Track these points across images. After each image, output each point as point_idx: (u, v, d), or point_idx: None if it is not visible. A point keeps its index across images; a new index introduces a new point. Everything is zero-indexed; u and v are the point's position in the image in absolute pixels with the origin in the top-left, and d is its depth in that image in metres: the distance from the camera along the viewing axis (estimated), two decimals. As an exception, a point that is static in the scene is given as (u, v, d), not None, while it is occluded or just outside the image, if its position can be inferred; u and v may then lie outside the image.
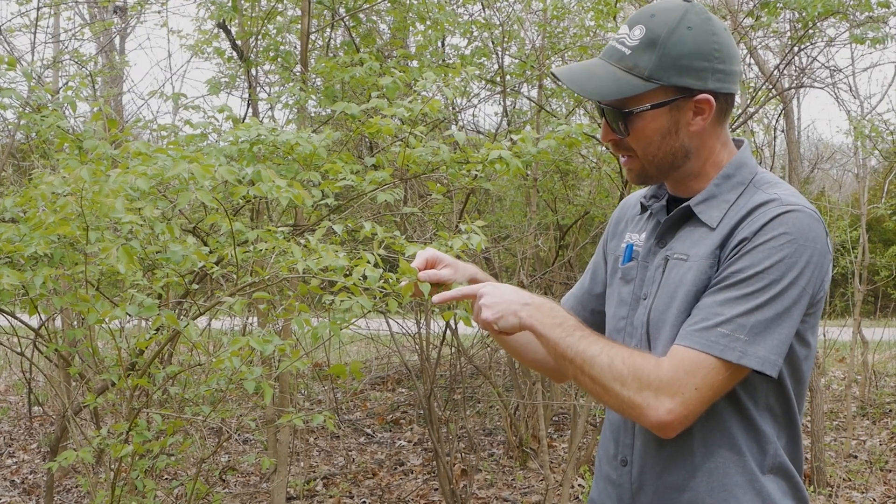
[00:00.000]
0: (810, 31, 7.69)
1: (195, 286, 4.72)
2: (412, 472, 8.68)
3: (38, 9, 8.29)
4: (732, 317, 2.05)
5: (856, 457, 8.96)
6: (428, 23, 7.64)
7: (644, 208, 2.43)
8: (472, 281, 2.55)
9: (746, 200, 2.17)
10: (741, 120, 8.39)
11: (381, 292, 2.94)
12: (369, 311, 3.20)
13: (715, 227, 2.18)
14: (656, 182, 2.34)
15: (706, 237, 2.18)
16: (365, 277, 2.96)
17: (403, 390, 12.07)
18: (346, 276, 3.16)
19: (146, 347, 4.40)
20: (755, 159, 2.31)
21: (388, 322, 8.62)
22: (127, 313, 3.45)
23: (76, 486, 7.93)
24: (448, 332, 7.69)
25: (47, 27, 10.13)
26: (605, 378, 2.12)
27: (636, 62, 2.18)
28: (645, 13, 2.22)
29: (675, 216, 2.27)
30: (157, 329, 4.09)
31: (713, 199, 2.22)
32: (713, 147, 2.26)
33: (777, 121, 10.54)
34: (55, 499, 7.47)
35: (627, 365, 2.10)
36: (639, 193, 2.52)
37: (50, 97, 5.70)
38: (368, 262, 3.02)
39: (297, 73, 6.97)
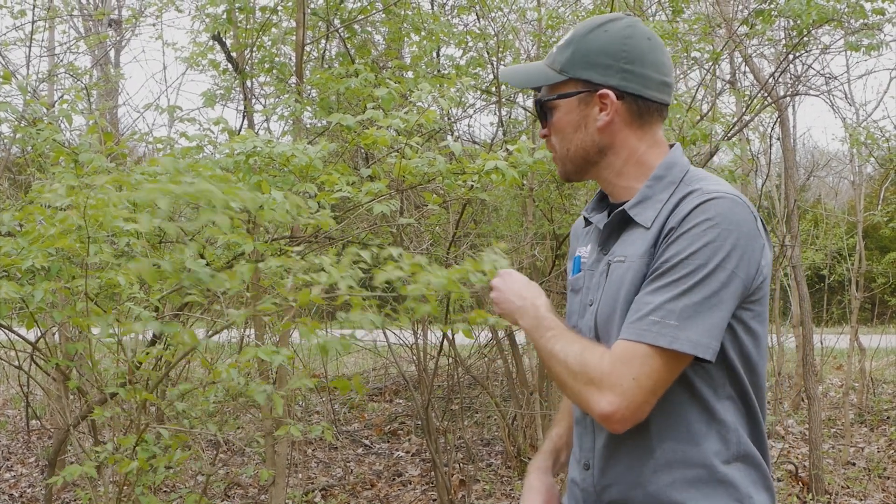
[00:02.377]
0: (805, 39, 7.70)
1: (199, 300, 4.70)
2: (410, 483, 8.67)
3: (33, 22, 8.30)
4: (661, 303, 2.08)
5: (854, 464, 8.96)
6: (423, 33, 7.66)
7: (588, 221, 2.50)
8: None
9: (676, 199, 2.21)
10: (737, 128, 8.40)
11: (387, 304, 2.94)
12: (378, 328, 3.21)
13: (650, 227, 2.22)
14: (579, 179, 2.45)
15: (642, 237, 2.23)
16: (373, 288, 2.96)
17: (401, 401, 12.06)
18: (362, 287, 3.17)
19: (145, 360, 4.40)
20: (687, 159, 2.37)
21: (385, 333, 8.62)
22: (150, 330, 3.45)
23: (75, 500, 7.92)
24: (445, 342, 7.69)
25: (42, 41, 10.14)
26: (563, 374, 2.19)
27: (556, 58, 2.38)
28: (582, 22, 2.43)
29: (613, 221, 2.34)
30: (153, 343, 4.09)
31: (647, 201, 2.27)
32: (634, 148, 2.34)
33: (773, 129, 10.56)
34: (53, 513, 7.46)
35: (578, 360, 2.16)
36: (586, 209, 2.59)
37: (45, 110, 5.70)
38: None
39: (293, 85, 6.98)
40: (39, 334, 6.07)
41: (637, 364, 2.07)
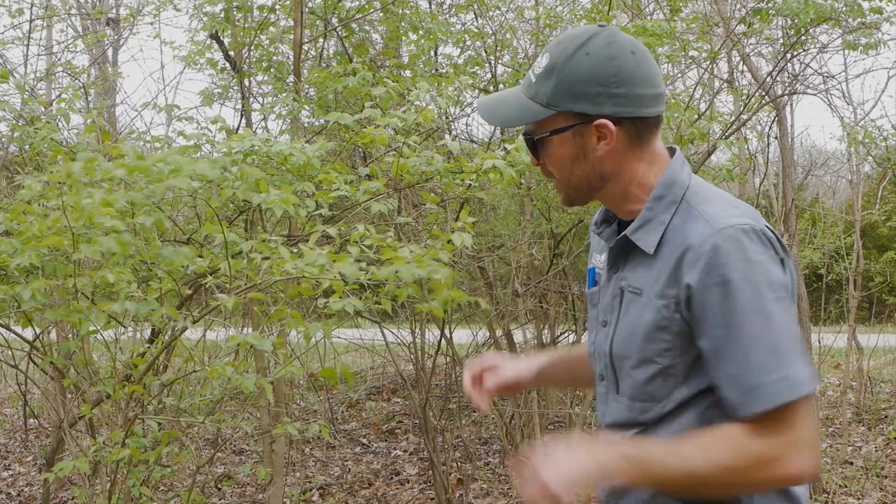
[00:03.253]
0: (803, 38, 7.71)
1: (189, 291, 4.71)
2: (408, 482, 8.68)
3: (31, 21, 8.29)
4: (763, 363, 2.05)
5: (851, 463, 8.96)
6: (421, 32, 7.66)
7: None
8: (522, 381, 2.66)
9: (681, 223, 2.17)
10: (735, 127, 8.40)
11: (369, 288, 2.95)
12: (360, 312, 3.21)
13: (654, 252, 2.19)
14: (583, 203, 2.36)
15: (651, 267, 2.19)
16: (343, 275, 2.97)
17: (399, 400, 12.06)
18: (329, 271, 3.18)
19: (141, 362, 4.40)
20: (689, 168, 2.31)
21: (382, 332, 8.62)
22: (126, 309, 3.45)
23: (72, 499, 7.91)
24: (443, 341, 7.69)
25: (40, 39, 10.12)
26: (720, 476, 2.09)
27: (538, 90, 2.23)
28: (554, 41, 2.27)
29: (617, 246, 2.29)
30: (151, 341, 4.09)
31: (648, 224, 2.22)
32: (635, 169, 2.26)
33: (770, 127, 10.56)
34: (51, 511, 7.46)
35: (730, 453, 2.07)
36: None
37: (43, 109, 5.70)
38: (350, 255, 3.02)
39: (291, 84, 6.97)
40: (36, 333, 6.07)
41: (795, 422, 2.06)
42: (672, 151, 2.33)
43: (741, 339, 2.05)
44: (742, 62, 8.89)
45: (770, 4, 7.34)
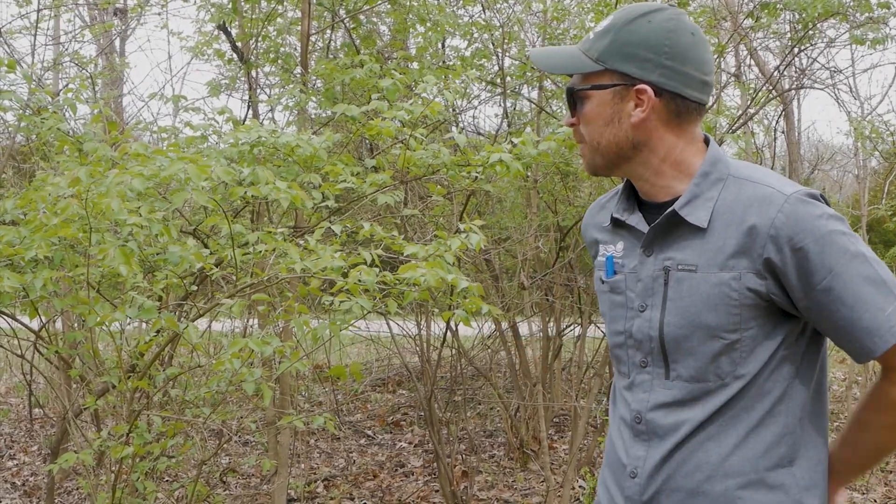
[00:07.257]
0: (810, 33, 7.69)
1: (195, 287, 4.71)
2: (413, 474, 8.68)
3: (39, 11, 8.29)
4: (873, 299, 2.12)
5: (856, 458, 8.93)
6: (428, 24, 7.64)
7: (616, 221, 2.39)
8: None
9: (735, 196, 2.18)
10: (741, 121, 8.39)
11: (380, 290, 2.94)
12: (369, 312, 3.21)
13: (706, 227, 2.17)
14: (607, 174, 2.35)
15: (705, 242, 2.18)
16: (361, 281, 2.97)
17: (404, 392, 12.06)
18: (343, 275, 3.18)
19: (147, 350, 4.40)
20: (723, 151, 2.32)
21: (388, 324, 8.61)
22: (127, 316, 3.46)
23: (77, 489, 7.93)
24: (448, 333, 7.69)
25: (47, 29, 10.14)
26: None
27: (592, 45, 2.25)
28: (622, 8, 2.29)
29: (659, 225, 2.25)
30: (158, 331, 4.09)
31: (696, 199, 2.20)
32: (671, 145, 2.25)
33: (777, 122, 10.55)
34: (56, 501, 7.47)
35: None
36: (600, 204, 2.52)
37: (50, 99, 5.70)
38: (365, 262, 3.02)
39: (298, 75, 6.97)
40: (43, 323, 6.07)
41: None
42: (705, 140, 2.33)
43: (853, 282, 2.09)
44: (749, 56, 8.88)
45: (778, -2, 7.33)
